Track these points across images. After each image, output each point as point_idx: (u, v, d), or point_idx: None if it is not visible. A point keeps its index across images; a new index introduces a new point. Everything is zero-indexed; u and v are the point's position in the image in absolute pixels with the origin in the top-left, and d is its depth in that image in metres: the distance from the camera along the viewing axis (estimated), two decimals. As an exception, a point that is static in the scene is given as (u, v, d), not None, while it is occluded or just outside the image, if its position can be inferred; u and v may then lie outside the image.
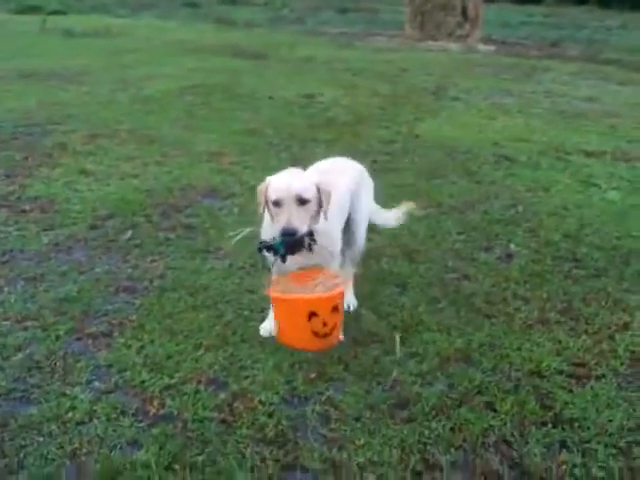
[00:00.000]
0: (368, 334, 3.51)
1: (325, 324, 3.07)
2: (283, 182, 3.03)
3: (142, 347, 3.32)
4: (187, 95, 9.38)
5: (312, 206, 3.04)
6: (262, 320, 3.54)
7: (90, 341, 3.38)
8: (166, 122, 7.81)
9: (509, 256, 4.56)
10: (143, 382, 3.05)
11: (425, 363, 3.27)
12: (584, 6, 29.90)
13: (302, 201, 2.99)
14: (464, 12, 17.10)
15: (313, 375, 3.14)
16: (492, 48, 16.61)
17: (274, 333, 3.34)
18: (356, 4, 28.86)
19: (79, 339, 3.40)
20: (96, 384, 3.04)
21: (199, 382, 3.06)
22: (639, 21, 25.91)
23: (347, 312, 3.66)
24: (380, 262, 4.35)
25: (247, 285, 3.96)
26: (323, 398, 3.00)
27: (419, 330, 3.56)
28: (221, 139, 7.12)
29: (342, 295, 3.22)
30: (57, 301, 3.73)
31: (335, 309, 3.11)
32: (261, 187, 3.13)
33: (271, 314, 3.49)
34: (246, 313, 3.67)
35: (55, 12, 20.39)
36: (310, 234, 3.06)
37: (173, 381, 3.07)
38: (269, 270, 3.44)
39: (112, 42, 15.04)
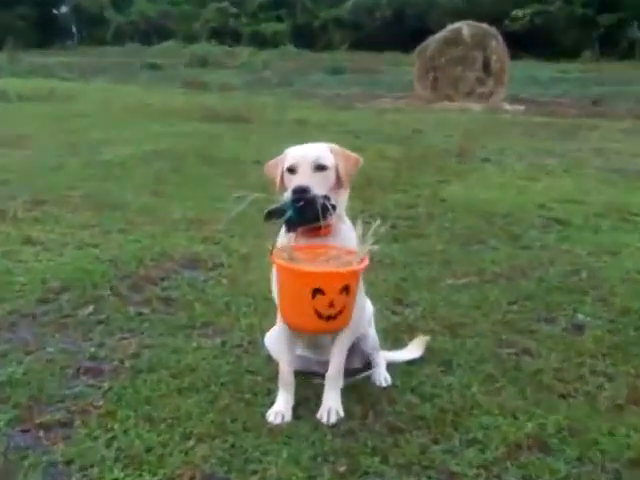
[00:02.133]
0: (410, 419, 3.32)
1: (332, 305, 3.05)
2: (299, 149, 3.26)
3: (113, 438, 3.11)
4: (154, 161, 9.41)
5: (330, 174, 3.20)
6: (270, 404, 3.37)
7: (42, 433, 3.16)
8: (130, 188, 7.78)
9: (578, 327, 4.42)
10: (116, 481, 2.83)
11: (489, 452, 3.09)
12: (629, 61, 30.83)
13: (319, 167, 3.17)
14: (486, 66, 17.32)
15: (342, 468, 2.94)
16: (521, 107, 16.92)
17: None
18: (352, 64, 29.71)
19: (26, 431, 3.19)
20: (51, 485, 2.82)
21: (192, 479, 2.85)
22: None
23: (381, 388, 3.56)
24: (413, 338, 4.17)
25: (247, 365, 3.80)
26: (360, 496, 2.79)
27: (475, 414, 3.39)
28: (199, 206, 7.06)
29: (356, 275, 3.14)
30: (-5, 386, 3.55)
31: (346, 289, 3.07)
32: (276, 159, 3.33)
33: (281, 396, 3.36)
34: (248, 397, 3.49)
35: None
36: (327, 198, 3.10)
37: (156, 478, 2.85)
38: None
39: (57, 106, 15.26)
